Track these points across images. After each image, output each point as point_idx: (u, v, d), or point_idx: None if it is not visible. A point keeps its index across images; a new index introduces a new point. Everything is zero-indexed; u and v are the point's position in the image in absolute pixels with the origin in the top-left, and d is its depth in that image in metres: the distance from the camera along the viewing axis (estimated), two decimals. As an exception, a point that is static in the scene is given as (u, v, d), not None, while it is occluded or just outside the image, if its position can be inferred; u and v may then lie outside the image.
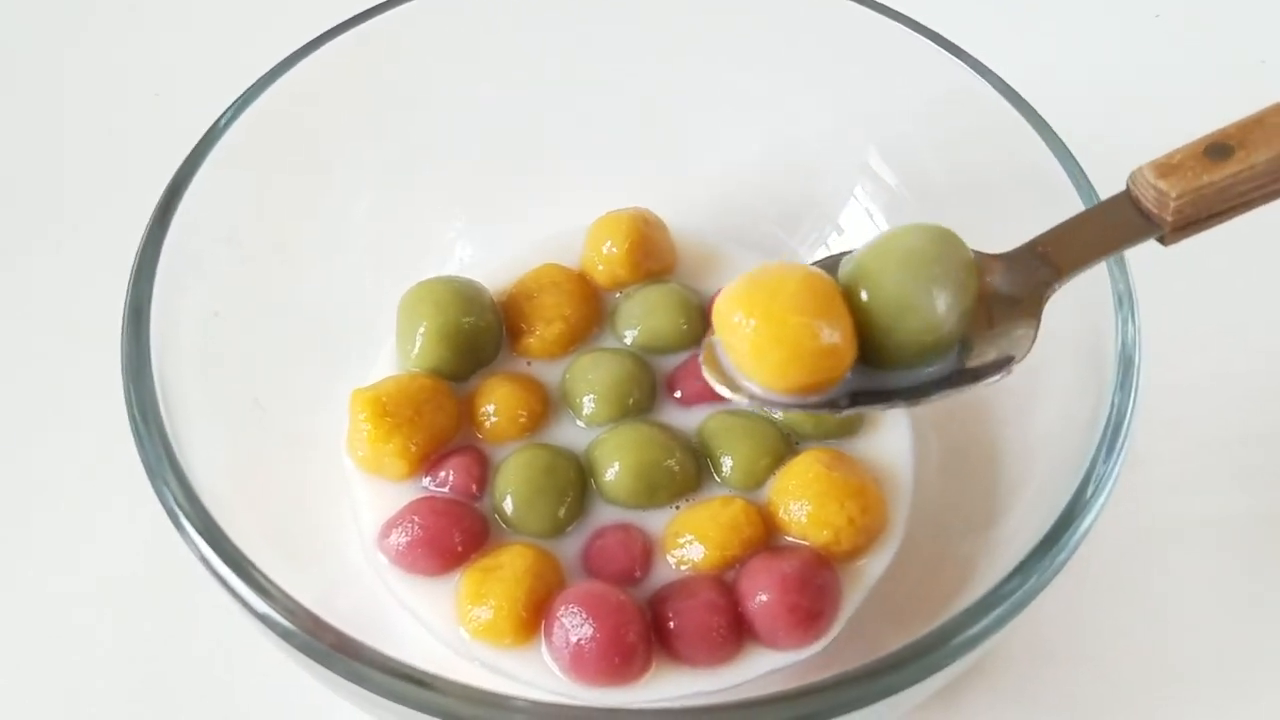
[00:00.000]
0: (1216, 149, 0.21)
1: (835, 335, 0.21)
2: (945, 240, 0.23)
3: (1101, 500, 0.24)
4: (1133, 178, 0.22)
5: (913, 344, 0.22)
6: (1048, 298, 0.23)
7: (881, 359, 0.23)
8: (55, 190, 0.44)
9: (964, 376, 0.23)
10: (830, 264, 0.24)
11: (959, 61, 0.31)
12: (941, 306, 0.22)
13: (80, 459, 0.36)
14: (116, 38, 0.49)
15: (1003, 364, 0.23)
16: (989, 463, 0.30)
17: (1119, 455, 0.24)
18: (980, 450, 0.31)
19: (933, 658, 0.22)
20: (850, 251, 0.24)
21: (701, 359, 0.24)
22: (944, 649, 0.22)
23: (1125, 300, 0.26)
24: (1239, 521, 0.35)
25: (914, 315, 0.22)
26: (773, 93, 0.36)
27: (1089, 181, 0.28)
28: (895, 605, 0.29)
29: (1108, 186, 0.25)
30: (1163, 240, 0.22)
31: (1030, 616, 0.32)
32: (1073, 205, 0.28)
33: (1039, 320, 0.23)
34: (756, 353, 0.22)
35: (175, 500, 0.25)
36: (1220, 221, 0.22)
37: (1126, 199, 0.22)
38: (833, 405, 0.22)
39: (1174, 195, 0.21)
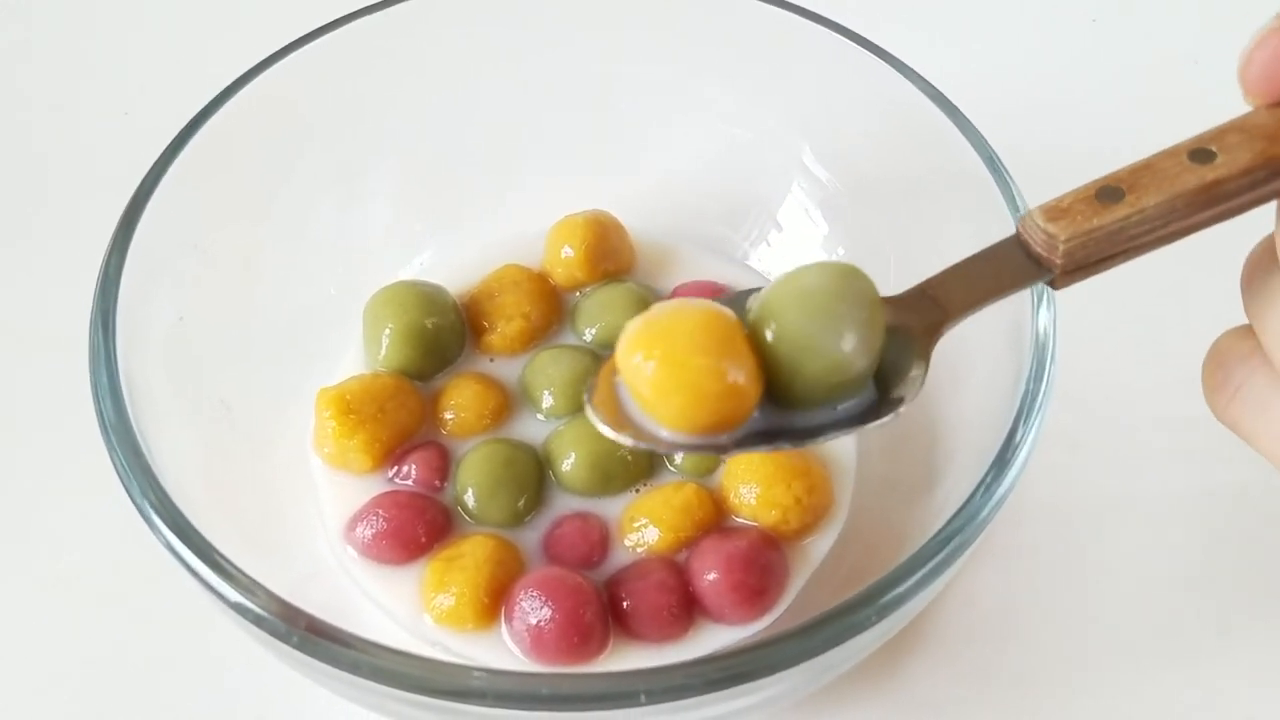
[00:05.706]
0: (1107, 192, 0.21)
1: (738, 375, 0.21)
2: (846, 277, 0.22)
3: (1014, 472, 0.25)
4: (1022, 221, 0.22)
5: (819, 384, 0.22)
6: (937, 340, 0.23)
7: (791, 398, 0.22)
8: (27, 203, 0.45)
9: (854, 419, 0.22)
10: (739, 300, 0.23)
11: (891, 69, 0.33)
12: (843, 344, 0.21)
13: (51, 463, 0.37)
14: (89, 59, 0.50)
15: (894, 405, 0.22)
16: (926, 442, 0.31)
17: (1034, 426, 0.26)
18: (919, 430, 0.32)
19: (853, 619, 0.23)
20: (758, 289, 0.23)
21: (589, 400, 0.22)
22: (863, 612, 0.23)
23: (1040, 290, 0.28)
24: (1172, 501, 0.36)
25: (815, 355, 0.21)
26: (719, 98, 0.37)
27: (1010, 179, 0.30)
28: (840, 581, 0.30)
29: (1037, 187, 0.25)
30: (1053, 284, 0.22)
31: (970, 591, 0.34)
32: (997, 206, 0.29)
33: (929, 362, 0.22)
34: (658, 394, 0.21)
35: (146, 499, 0.25)
36: (1111, 265, 0.21)
37: (1016, 243, 0.22)
38: (720, 448, 0.22)
39: (1063, 238, 0.21)
